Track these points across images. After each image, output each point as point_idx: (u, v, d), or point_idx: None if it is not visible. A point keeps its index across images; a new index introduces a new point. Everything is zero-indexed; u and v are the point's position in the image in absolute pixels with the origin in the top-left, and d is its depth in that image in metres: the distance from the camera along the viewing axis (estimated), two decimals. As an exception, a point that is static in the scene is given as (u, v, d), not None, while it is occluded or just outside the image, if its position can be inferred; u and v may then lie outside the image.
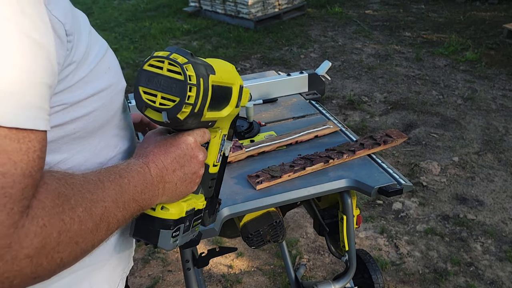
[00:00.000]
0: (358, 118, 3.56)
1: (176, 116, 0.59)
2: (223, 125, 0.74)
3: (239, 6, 5.71)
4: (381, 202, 2.66)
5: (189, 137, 0.66)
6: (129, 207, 0.57)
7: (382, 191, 1.14)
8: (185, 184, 0.66)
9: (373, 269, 1.58)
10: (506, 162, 2.96)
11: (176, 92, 0.58)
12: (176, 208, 0.67)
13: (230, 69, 0.71)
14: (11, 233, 0.41)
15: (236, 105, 0.71)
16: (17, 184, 0.42)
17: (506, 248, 2.29)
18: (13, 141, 0.42)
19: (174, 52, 0.60)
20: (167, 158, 0.63)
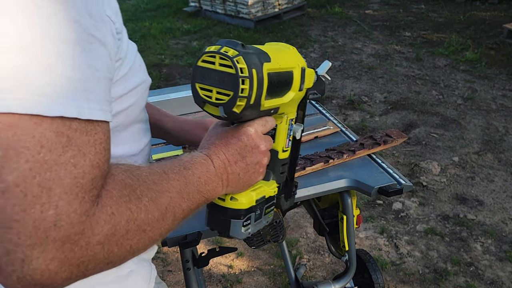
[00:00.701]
0: (358, 118, 3.56)
1: (232, 110, 0.59)
2: (289, 110, 0.73)
3: (239, 6, 5.71)
4: (381, 202, 2.66)
5: (249, 128, 0.66)
6: (194, 198, 0.59)
7: (382, 191, 1.14)
8: (248, 174, 0.67)
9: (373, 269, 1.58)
10: (506, 162, 2.96)
11: (229, 86, 0.58)
12: (245, 198, 0.68)
13: (289, 51, 0.69)
14: (84, 220, 0.44)
15: (300, 88, 0.70)
16: (87, 175, 0.44)
17: (506, 248, 2.29)
18: (83, 133, 0.44)
19: (224, 45, 0.59)
20: (229, 150, 0.65)
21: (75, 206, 0.43)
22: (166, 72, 4.65)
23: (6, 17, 0.41)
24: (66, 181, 0.43)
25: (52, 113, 0.42)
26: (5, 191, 0.40)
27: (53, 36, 0.43)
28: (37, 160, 0.41)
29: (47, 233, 0.41)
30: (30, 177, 0.41)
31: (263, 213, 0.72)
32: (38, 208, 0.41)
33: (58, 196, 0.42)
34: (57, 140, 0.42)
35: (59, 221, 0.42)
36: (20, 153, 0.40)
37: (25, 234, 0.41)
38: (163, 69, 4.72)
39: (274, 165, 0.74)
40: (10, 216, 0.40)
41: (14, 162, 0.40)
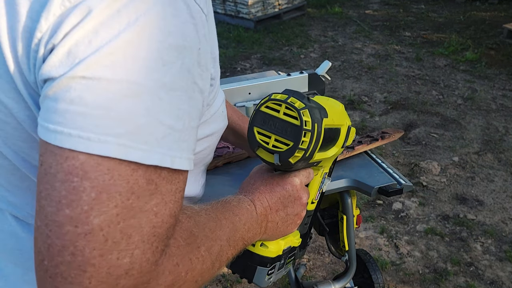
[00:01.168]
0: (358, 118, 3.56)
1: (288, 160, 0.59)
2: (326, 164, 0.74)
3: (239, 6, 5.71)
4: (381, 202, 2.66)
5: (296, 179, 0.66)
6: (238, 245, 0.59)
7: (382, 191, 1.14)
8: (286, 224, 0.66)
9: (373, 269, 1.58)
10: (506, 162, 2.96)
11: (290, 136, 0.59)
12: (274, 246, 0.67)
13: (340, 109, 0.70)
14: (152, 270, 0.43)
15: (343, 145, 0.70)
16: (165, 224, 0.44)
17: (506, 248, 2.29)
18: (168, 182, 0.44)
19: (291, 96, 0.60)
20: (272, 198, 0.64)
21: (148, 255, 0.42)
22: (166, 72, 4.64)
23: (130, 61, 0.40)
24: (145, 230, 0.42)
25: (148, 162, 0.41)
26: (88, 233, 0.39)
27: (167, 84, 0.42)
28: (126, 206, 0.40)
29: (118, 280, 0.41)
30: (115, 223, 0.40)
31: (285, 263, 0.72)
32: (115, 254, 0.40)
33: (136, 244, 0.41)
34: (147, 188, 0.42)
35: (131, 269, 0.41)
36: (112, 197, 0.40)
37: (97, 279, 0.40)
38: (163, 69, 4.71)
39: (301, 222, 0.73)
40: (87, 260, 0.39)
41: (104, 206, 0.39)
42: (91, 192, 0.39)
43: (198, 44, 0.47)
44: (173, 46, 0.43)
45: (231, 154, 1.24)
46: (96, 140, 0.39)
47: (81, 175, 0.39)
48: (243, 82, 1.65)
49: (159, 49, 0.42)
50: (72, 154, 0.39)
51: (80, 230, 0.39)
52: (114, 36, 0.40)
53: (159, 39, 0.42)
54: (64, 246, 0.39)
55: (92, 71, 0.39)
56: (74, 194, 0.39)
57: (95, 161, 0.39)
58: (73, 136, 0.39)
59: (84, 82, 0.39)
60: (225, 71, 4.61)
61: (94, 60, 0.40)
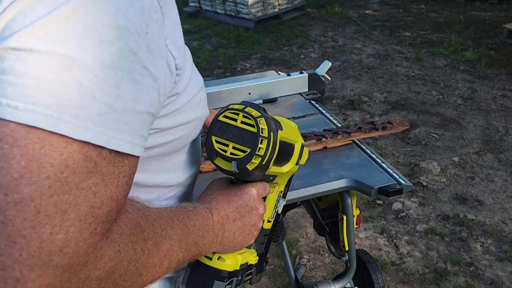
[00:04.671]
0: (358, 118, 3.56)
1: (245, 167, 0.60)
2: (281, 181, 0.75)
3: (239, 6, 5.71)
4: (381, 202, 2.66)
5: (253, 189, 0.67)
6: (190, 250, 0.58)
7: (382, 191, 1.14)
8: (243, 235, 0.66)
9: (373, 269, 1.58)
10: (506, 162, 2.96)
11: (248, 143, 0.60)
12: (232, 260, 0.67)
13: (293, 126, 0.72)
14: (90, 252, 0.42)
15: (296, 162, 0.72)
16: (104, 206, 0.43)
17: (506, 248, 2.29)
18: (110, 163, 0.44)
19: (248, 106, 0.62)
20: (230, 207, 0.65)
21: (85, 235, 0.42)
22: (166, 72, 4.65)
23: (63, 34, 0.41)
24: (82, 208, 0.41)
25: (80, 137, 0.41)
26: (19, 203, 0.39)
27: (105, 62, 0.43)
28: (59, 179, 0.40)
29: (51, 257, 0.40)
30: (48, 195, 0.39)
31: (242, 281, 0.71)
32: (48, 228, 0.39)
33: (71, 222, 0.41)
34: (84, 165, 0.41)
35: (66, 247, 0.40)
36: (43, 167, 0.39)
37: (27, 252, 0.39)
38: (163, 69, 4.71)
39: (258, 235, 0.74)
40: (17, 230, 0.39)
41: (34, 175, 0.39)
42: (21, 160, 0.39)
43: (145, 28, 0.47)
44: (113, 25, 0.43)
45: None
46: (23, 109, 0.39)
47: (11, 142, 0.39)
48: (243, 82, 1.65)
49: (96, 26, 0.42)
50: (3, 122, 0.39)
51: (10, 198, 0.38)
52: (49, 11, 0.41)
53: (97, 16, 0.42)
54: None
55: (24, 42, 0.40)
56: (3, 161, 0.39)
57: (24, 129, 0.39)
58: (2, 105, 0.39)
59: (16, 53, 0.40)
60: (225, 71, 4.61)
61: (27, 32, 0.40)
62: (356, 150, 1.31)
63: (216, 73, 4.58)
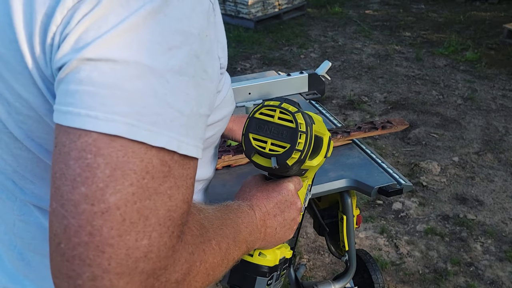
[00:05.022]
0: (358, 118, 3.56)
1: (285, 162, 0.60)
2: (310, 175, 0.75)
3: (239, 6, 5.71)
4: (381, 202, 2.66)
5: (290, 184, 0.68)
6: (242, 247, 0.59)
7: (382, 191, 1.14)
8: (283, 230, 0.67)
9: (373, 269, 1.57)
10: (506, 162, 2.96)
11: (287, 139, 0.60)
12: (272, 255, 0.67)
13: (320, 120, 0.72)
14: (169, 256, 0.43)
15: (325, 155, 0.72)
16: (179, 209, 0.44)
17: (506, 248, 2.29)
18: (180, 166, 0.44)
19: (284, 102, 0.63)
20: (270, 203, 0.65)
21: (166, 239, 0.42)
22: (166, 72, 4.65)
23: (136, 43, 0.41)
24: (161, 212, 0.42)
25: (157, 143, 0.41)
26: (105, 212, 0.39)
27: (174, 68, 0.43)
28: (141, 185, 0.40)
29: (137, 263, 0.40)
30: (132, 202, 0.40)
31: (280, 275, 0.72)
32: (133, 235, 0.40)
33: (153, 227, 0.41)
34: (161, 169, 0.42)
35: (149, 252, 0.40)
36: (127, 175, 0.39)
37: (116, 260, 0.39)
38: (163, 69, 4.72)
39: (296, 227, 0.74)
40: (105, 239, 0.38)
41: (119, 183, 0.39)
42: (106, 169, 0.39)
43: (206, 31, 0.47)
44: (179, 31, 0.44)
45: (231, 158, 1.24)
46: (103, 119, 0.39)
47: (95, 151, 0.39)
48: (243, 82, 1.65)
49: (164, 33, 0.43)
50: (85, 132, 0.39)
51: (96, 208, 0.38)
52: (121, 21, 0.41)
53: (165, 23, 0.43)
54: (81, 225, 0.38)
55: (99, 52, 0.41)
56: (88, 171, 0.39)
57: (108, 138, 0.39)
58: (82, 115, 0.40)
59: (92, 63, 0.40)
60: (225, 71, 4.61)
61: (101, 42, 0.41)
62: (356, 150, 1.31)
63: (216, 73, 4.57)
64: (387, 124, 1.33)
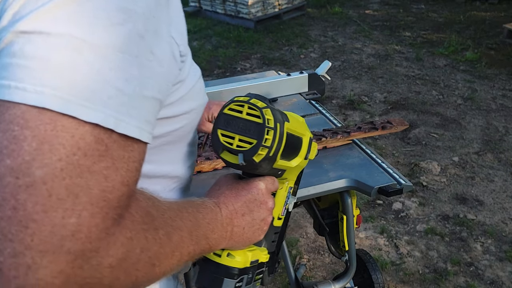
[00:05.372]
0: (358, 118, 3.56)
1: (252, 158, 0.59)
2: (290, 177, 0.74)
3: (239, 6, 5.71)
4: (381, 202, 2.66)
5: (261, 183, 0.66)
6: (200, 243, 0.57)
7: (382, 191, 1.14)
8: (252, 230, 0.65)
9: (373, 269, 1.58)
10: (506, 162, 2.96)
11: (254, 135, 0.59)
12: (242, 257, 0.66)
13: (301, 120, 0.71)
14: (102, 238, 0.41)
15: (305, 156, 0.70)
16: (116, 191, 0.42)
17: (506, 248, 2.29)
18: (120, 147, 0.43)
19: (254, 97, 0.62)
20: (238, 201, 0.64)
21: (98, 220, 0.40)
22: (166, 72, 4.65)
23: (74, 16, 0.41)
24: (94, 192, 0.40)
25: (91, 119, 0.40)
26: (30, 186, 0.37)
27: (115, 45, 0.42)
28: (71, 161, 0.39)
29: (63, 242, 0.38)
30: (60, 178, 0.38)
31: (253, 279, 0.70)
32: (60, 212, 0.38)
33: (83, 206, 0.39)
34: (95, 147, 0.41)
35: (78, 232, 0.39)
36: (55, 149, 0.38)
37: (39, 237, 0.37)
38: (163, 69, 4.72)
39: (268, 232, 0.72)
40: (28, 215, 0.37)
41: (46, 158, 0.38)
42: (32, 142, 0.38)
43: (154, 12, 0.47)
44: (121, 8, 0.43)
45: None
46: (32, 91, 0.39)
47: (22, 124, 0.38)
48: (243, 82, 1.65)
49: (106, 8, 0.42)
50: (13, 105, 0.39)
51: (21, 182, 0.37)
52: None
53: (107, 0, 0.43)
54: (5, 199, 0.37)
55: (33, 25, 0.40)
56: (14, 144, 0.38)
57: (36, 110, 0.39)
58: (11, 87, 0.39)
59: (26, 36, 0.40)
60: (225, 71, 4.61)
61: (37, 15, 0.40)
62: (356, 150, 1.31)
63: (216, 73, 4.58)
64: (387, 125, 1.33)
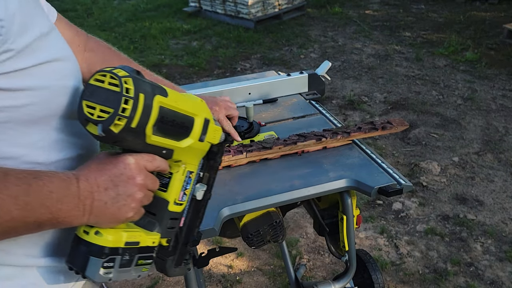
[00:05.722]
0: (358, 118, 3.56)
1: (109, 128, 0.57)
2: (188, 160, 0.71)
3: (239, 6, 5.71)
4: (381, 202, 2.66)
5: (130, 157, 0.64)
6: (34, 210, 0.56)
7: (382, 191, 1.14)
8: (117, 205, 0.62)
9: (373, 269, 1.57)
10: (506, 162, 2.96)
11: (111, 104, 0.58)
12: (112, 235, 0.63)
13: (197, 101, 0.69)
14: None
15: (200, 138, 0.69)
16: None
17: (506, 248, 2.29)
18: None
19: (119, 68, 0.60)
20: (102, 175, 0.62)
21: None
22: (166, 72, 4.65)
23: None
24: None
25: None
26: None
27: None
28: None
29: None
30: None
31: (134, 263, 0.67)
32: None
33: None
34: None
35: None
36: None
37: None
38: (163, 69, 4.72)
39: (162, 216, 0.69)
40: None
41: None
42: None
43: None
44: None
45: (231, 158, 1.24)
46: None
47: None
48: (243, 82, 1.65)
49: None
50: None
51: None
52: None
53: None
54: None
55: None
56: None
57: None
58: None
59: None
60: (225, 71, 4.61)
61: None
62: (356, 150, 1.31)
63: (216, 73, 4.58)
64: (387, 125, 1.33)
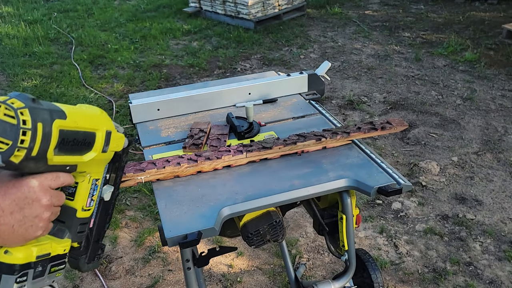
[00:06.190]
0: (358, 118, 3.57)
1: (9, 160, 0.59)
2: (92, 170, 0.74)
3: (239, 7, 5.72)
4: (380, 202, 2.67)
5: (33, 180, 0.65)
6: None
7: (381, 191, 1.14)
8: (24, 227, 0.65)
9: (373, 269, 1.58)
10: (505, 162, 2.97)
11: (9, 136, 0.59)
12: (22, 253, 0.66)
13: (97, 114, 0.71)
14: None
15: (103, 150, 0.71)
16: None
17: (505, 247, 2.29)
18: None
19: (13, 97, 0.61)
20: (6, 200, 0.63)
21: None
22: (166, 72, 4.66)
23: None
24: None
25: None
26: None
27: None
28: None
29: None
30: None
31: (47, 271, 0.71)
32: None
33: None
34: None
35: None
36: None
37: None
38: (163, 69, 4.73)
39: (71, 223, 0.73)
40: None
41: None
42: None
43: None
44: None
45: (231, 158, 1.24)
46: None
47: None
48: (243, 82, 1.66)
49: None
50: None
51: None
52: None
53: None
54: None
55: None
56: None
57: None
58: None
59: None
60: (225, 71, 4.62)
61: None
62: (355, 150, 1.32)
63: (216, 73, 4.58)
64: (387, 125, 1.34)
